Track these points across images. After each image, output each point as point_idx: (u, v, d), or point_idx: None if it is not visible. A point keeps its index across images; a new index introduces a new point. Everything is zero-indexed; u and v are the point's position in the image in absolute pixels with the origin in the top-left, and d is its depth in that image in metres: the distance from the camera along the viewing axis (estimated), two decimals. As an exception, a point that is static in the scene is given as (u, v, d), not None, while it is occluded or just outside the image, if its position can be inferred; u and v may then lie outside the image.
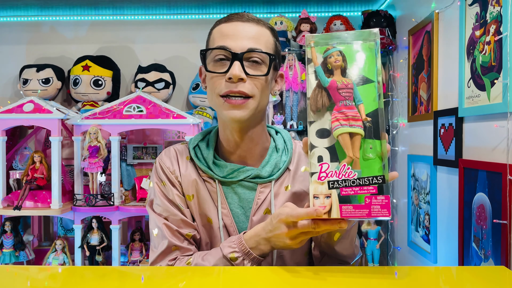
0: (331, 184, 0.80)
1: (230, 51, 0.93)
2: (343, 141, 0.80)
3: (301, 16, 2.66)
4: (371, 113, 0.80)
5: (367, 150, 0.80)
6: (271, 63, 0.97)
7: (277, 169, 1.04)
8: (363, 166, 0.80)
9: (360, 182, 0.79)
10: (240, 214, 1.03)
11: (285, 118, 2.69)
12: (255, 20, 0.98)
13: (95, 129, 2.32)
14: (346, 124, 0.80)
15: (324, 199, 0.80)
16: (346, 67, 0.82)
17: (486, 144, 1.52)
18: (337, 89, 0.81)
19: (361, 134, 0.80)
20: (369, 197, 0.79)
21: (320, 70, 0.82)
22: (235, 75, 0.92)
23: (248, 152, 1.05)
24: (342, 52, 0.82)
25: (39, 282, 0.84)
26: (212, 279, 0.83)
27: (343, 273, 0.85)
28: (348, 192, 0.80)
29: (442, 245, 1.91)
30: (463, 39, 1.64)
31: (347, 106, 0.81)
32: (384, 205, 0.78)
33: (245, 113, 0.95)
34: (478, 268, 1.27)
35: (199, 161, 1.04)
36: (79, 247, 2.42)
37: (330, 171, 0.80)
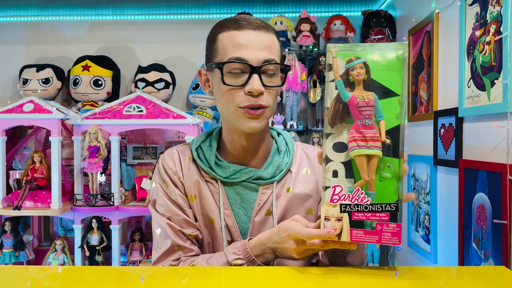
0: (343, 208, 0.79)
1: (248, 63, 0.94)
2: (359, 163, 0.78)
3: (301, 16, 2.66)
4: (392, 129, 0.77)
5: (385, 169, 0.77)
6: (285, 74, 1.00)
7: (279, 171, 1.05)
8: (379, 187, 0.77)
9: (373, 208, 0.78)
10: (242, 214, 1.03)
11: (285, 118, 2.69)
12: (264, 28, 0.98)
13: (95, 129, 2.32)
14: (364, 145, 0.78)
15: (335, 222, 0.80)
16: (369, 79, 0.78)
17: (486, 144, 1.52)
18: (357, 106, 0.78)
19: (379, 155, 0.77)
20: (380, 223, 0.78)
21: (340, 83, 0.78)
22: (256, 90, 0.93)
23: (252, 154, 1.06)
24: (366, 64, 0.78)
25: (39, 282, 0.84)
26: (212, 279, 0.83)
27: (343, 273, 0.85)
28: (359, 217, 0.78)
29: (442, 245, 1.91)
30: (463, 39, 1.64)
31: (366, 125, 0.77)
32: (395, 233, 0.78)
33: (262, 123, 0.97)
34: (478, 268, 1.27)
35: (202, 162, 1.05)
36: (79, 247, 2.42)
37: (343, 194, 0.79)
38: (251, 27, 0.96)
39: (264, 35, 0.97)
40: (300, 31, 2.65)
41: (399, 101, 0.77)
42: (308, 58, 2.71)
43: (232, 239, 1.03)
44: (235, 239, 1.03)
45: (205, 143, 1.08)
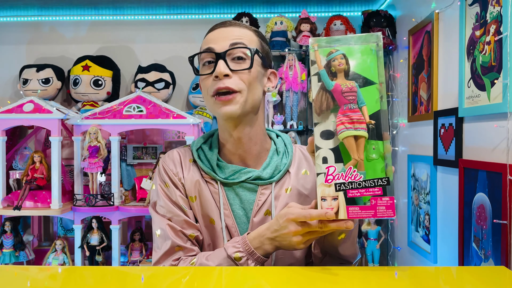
0: (338, 187, 0.83)
1: (213, 51, 0.98)
2: (348, 143, 0.83)
3: (301, 16, 2.66)
4: (373, 114, 0.83)
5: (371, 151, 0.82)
6: (253, 56, 0.99)
7: (277, 171, 1.06)
8: (367, 167, 0.82)
9: (366, 184, 0.82)
10: (241, 215, 1.04)
11: (285, 118, 2.69)
12: (237, 24, 1.04)
13: (95, 129, 2.32)
14: (351, 127, 0.83)
15: (331, 201, 0.83)
16: (349, 69, 0.84)
17: (486, 144, 1.52)
18: (341, 92, 0.83)
19: (365, 136, 0.82)
20: (374, 198, 0.82)
21: (324, 73, 0.84)
22: (220, 73, 0.96)
23: (248, 153, 1.06)
24: (345, 55, 0.84)
25: (39, 282, 0.84)
26: (212, 279, 0.83)
27: (343, 273, 0.85)
28: (354, 194, 0.82)
29: (442, 245, 1.91)
30: (463, 39, 1.64)
31: (351, 109, 0.83)
32: (389, 205, 0.82)
33: (235, 108, 0.98)
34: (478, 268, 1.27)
35: (202, 163, 1.06)
36: (79, 247, 2.42)
37: (336, 173, 0.83)
38: (223, 26, 1.03)
39: (235, 29, 1.02)
40: (300, 31, 2.65)
41: (377, 88, 0.83)
42: (308, 58, 2.71)
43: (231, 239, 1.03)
44: None
45: (206, 144, 1.10)
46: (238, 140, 1.04)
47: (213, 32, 1.03)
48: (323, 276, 0.83)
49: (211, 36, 1.02)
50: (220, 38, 1.00)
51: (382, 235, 2.59)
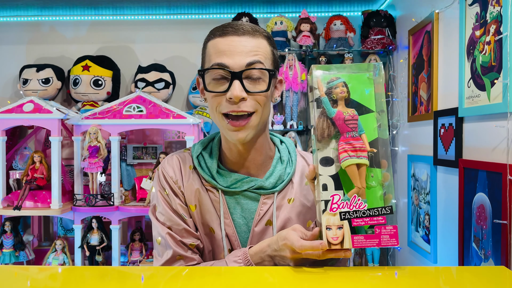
0: (343, 216, 0.83)
1: (228, 70, 0.92)
2: (351, 172, 0.83)
3: (301, 16, 2.66)
4: (371, 142, 0.84)
5: (369, 178, 0.83)
6: (270, 79, 0.95)
7: (280, 181, 1.04)
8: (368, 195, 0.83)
9: (370, 213, 0.82)
10: (242, 224, 1.02)
11: (285, 118, 2.69)
12: (250, 32, 0.95)
13: (95, 129, 2.32)
14: (354, 155, 0.83)
15: (337, 230, 0.83)
16: (349, 97, 0.84)
17: (486, 144, 1.52)
18: (344, 120, 0.84)
19: (367, 164, 0.83)
20: (378, 227, 0.82)
21: (326, 100, 0.84)
22: (236, 96, 0.91)
23: (252, 162, 1.04)
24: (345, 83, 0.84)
25: (39, 282, 0.84)
26: (212, 279, 0.83)
27: (343, 273, 0.85)
28: (359, 223, 0.82)
29: (442, 245, 1.91)
30: (463, 39, 1.64)
31: (354, 137, 0.83)
32: (392, 234, 0.82)
33: (248, 133, 0.95)
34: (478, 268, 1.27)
35: (203, 170, 1.04)
36: (79, 247, 2.42)
37: (341, 202, 0.83)
38: (236, 33, 0.94)
39: (249, 40, 0.94)
40: (300, 31, 2.65)
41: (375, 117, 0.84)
42: (308, 58, 2.71)
43: (232, 248, 1.02)
44: (234, 248, 1.02)
45: (206, 150, 1.06)
46: (244, 152, 1.02)
47: (226, 40, 0.94)
48: (323, 276, 0.83)
49: (223, 46, 0.93)
50: (234, 52, 0.92)
51: (382, 235, 2.59)
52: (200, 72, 0.96)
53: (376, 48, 2.57)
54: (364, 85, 0.85)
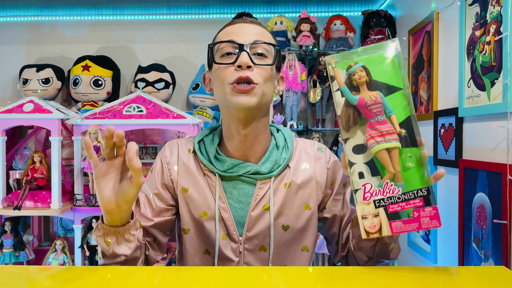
0: (377, 203, 0.81)
1: (237, 43, 0.98)
2: (381, 157, 0.81)
3: (301, 16, 2.66)
4: (404, 121, 0.80)
5: (407, 159, 0.80)
6: (276, 54, 1.01)
7: (277, 166, 1.06)
8: (405, 177, 0.80)
9: (406, 197, 0.80)
10: (238, 208, 1.04)
11: (285, 118, 2.69)
12: (258, 23, 1.04)
13: (95, 129, 2.32)
14: (382, 140, 0.81)
15: (373, 218, 0.81)
16: (371, 80, 0.82)
17: (486, 144, 1.52)
18: (366, 106, 0.81)
19: (398, 146, 0.80)
20: (417, 210, 0.79)
21: (346, 89, 0.83)
22: (244, 63, 0.96)
23: (251, 150, 1.06)
24: (365, 67, 0.82)
25: (39, 282, 0.84)
26: (212, 279, 0.83)
27: (343, 273, 0.85)
28: (395, 209, 0.80)
29: (442, 245, 1.91)
30: (463, 39, 1.64)
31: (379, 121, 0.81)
32: (433, 216, 0.79)
33: (252, 99, 0.97)
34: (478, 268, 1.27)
35: (202, 154, 1.07)
36: (79, 247, 2.42)
37: (374, 190, 0.81)
38: (245, 22, 1.03)
39: (257, 27, 1.03)
40: (300, 31, 2.65)
41: (404, 94, 0.80)
42: (308, 58, 2.71)
43: (228, 232, 1.04)
44: (231, 232, 1.04)
45: (208, 137, 1.11)
46: (244, 137, 1.04)
47: (234, 26, 1.03)
48: (323, 276, 0.83)
49: (232, 29, 1.02)
50: (242, 32, 1.00)
51: (382, 235, 2.59)
52: (210, 45, 1.02)
53: (376, 48, 2.56)
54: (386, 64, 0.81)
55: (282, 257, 1.06)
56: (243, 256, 1.04)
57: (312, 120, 2.86)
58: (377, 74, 0.81)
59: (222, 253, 1.04)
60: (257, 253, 1.05)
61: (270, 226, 1.03)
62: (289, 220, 1.05)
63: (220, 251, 1.04)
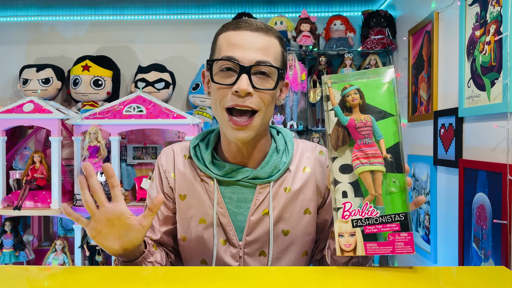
0: (355, 223, 0.83)
1: (238, 63, 0.91)
2: (364, 179, 0.82)
3: (301, 16, 2.66)
4: (392, 147, 0.82)
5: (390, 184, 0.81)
6: (278, 77, 0.95)
7: (276, 170, 1.03)
8: (386, 201, 0.81)
9: (383, 220, 0.81)
10: (237, 213, 1.02)
11: (285, 118, 2.69)
12: (263, 30, 0.95)
13: (95, 129, 2.32)
14: (367, 162, 0.82)
15: (349, 237, 0.83)
16: (364, 103, 0.83)
17: (486, 144, 1.52)
18: (355, 128, 0.83)
19: (382, 170, 0.81)
20: (392, 234, 0.81)
21: (338, 109, 0.84)
22: (242, 90, 0.90)
23: (249, 158, 1.04)
24: (359, 90, 0.83)
25: (39, 282, 0.84)
26: (212, 279, 0.83)
27: (343, 273, 0.85)
28: (371, 230, 0.82)
29: (442, 245, 1.91)
30: (463, 39, 1.64)
31: (366, 144, 0.82)
32: (407, 241, 0.81)
33: (249, 134, 0.95)
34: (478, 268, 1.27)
35: (198, 160, 1.05)
36: (79, 247, 2.42)
37: (353, 209, 0.83)
38: (249, 29, 0.94)
39: (262, 36, 0.94)
40: (300, 31, 2.65)
41: (395, 120, 0.83)
42: (308, 58, 2.71)
43: (227, 237, 1.03)
44: (230, 237, 1.03)
45: (203, 141, 1.08)
46: (242, 149, 1.02)
47: (238, 34, 0.94)
48: (322, 276, 0.83)
49: (236, 39, 0.93)
50: (245, 45, 0.92)
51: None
52: (209, 62, 0.96)
53: (376, 48, 2.57)
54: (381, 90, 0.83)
55: (282, 262, 1.05)
56: (243, 260, 1.03)
57: (312, 120, 2.86)
58: (371, 99, 0.83)
59: (221, 260, 1.03)
60: (257, 258, 1.03)
61: (269, 231, 1.02)
62: (290, 225, 1.03)
63: (219, 258, 1.03)
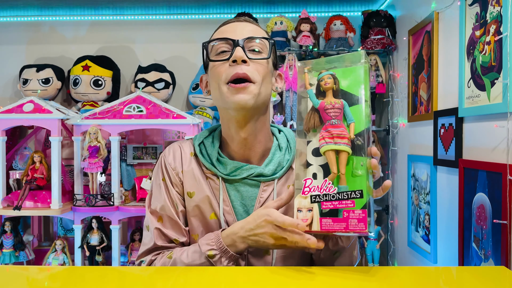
0: (313, 198, 0.84)
1: (230, 39, 0.97)
2: (328, 157, 0.84)
3: (301, 16, 2.66)
4: (362, 131, 0.83)
5: (358, 166, 0.82)
6: (270, 48, 1.00)
7: (280, 168, 1.05)
8: (350, 182, 0.82)
9: (339, 196, 0.82)
10: (242, 211, 1.03)
11: (285, 118, 2.69)
12: (253, 22, 1.04)
13: (95, 129, 2.32)
14: (331, 141, 0.84)
15: (307, 212, 0.85)
16: (338, 89, 0.86)
17: (486, 144, 1.52)
18: (324, 109, 0.85)
19: (347, 151, 0.83)
20: (347, 211, 0.82)
21: (311, 92, 0.87)
22: (239, 57, 0.95)
23: (251, 150, 1.05)
24: (334, 75, 0.86)
25: (39, 282, 0.84)
26: (212, 279, 0.83)
27: (342, 273, 0.85)
28: (328, 206, 0.83)
29: (442, 245, 1.91)
30: (463, 39, 1.64)
31: (333, 125, 0.84)
32: (361, 219, 0.80)
33: (249, 97, 0.96)
34: (478, 268, 1.27)
35: (204, 157, 1.05)
36: (79, 247, 2.42)
37: (313, 186, 0.85)
38: (238, 21, 1.03)
39: (250, 25, 1.03)
40: (300, 31, 2.65)
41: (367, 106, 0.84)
42: (308, 58, 2.71)
43: None
44: None
45: (208, 139, 1.08)
46: (244, 140, 1.03)
47: (228, 25, 1.03)
48: (323, 276, 0.83)
49: (226, 28, 1.02)
50: (236, 30, 1.00)
51: (382, 235, 2.59)
52: (204, 44, 1.01)
53: (376, 48, 2.57)
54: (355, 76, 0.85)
55: (287, 261, 1.04)
56: (247, 259, 1.03)
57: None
58: (344, 85, 0.85)
59: None
60: (262, 257, 1.03)
61: None
62: None
63: None
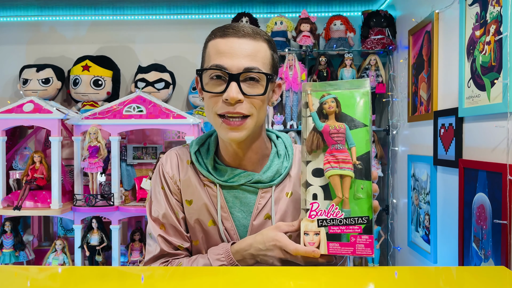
0: (320, 222, 0.87)
1: (226, 71, 0.92)
2: (333, 182, 0.87)
3: (301, 16, 2.66)
4: (363, 155, 0.87)
5: (358, 190, 0.86)
6: (268, 82, 0.96)
7: (278, 175, 1.04)
8: (353, 206, 0.86)
9: (347, 222, 0.86)
10: (240, 218, 1.03)
11: (285, 118, 2.69)
12: (251, 35, 0.96)
13: (95, 129, 2.32)
14: (337, 166, 0.87)
15: (313, 236, 0.88)
16: (340, 112, 0.88)
17: (486, 144, 1.52)
18: (329, 133, 0.88)
19: (351, 176, 0.86)
20: (354, 236, 0.86)
21: (315, 115, 0.90)
22: (232, 98, 0.91)
23: (248, 161, 1.05)
24: (336, 99, 0.89)
25: (39, 282, 0.84)
26: (212, 279, 0.83)
27: (343, 273, 0.85)
28: (335, 231, 0.87)
29: (442, 245, 1.91)
30: (463, 39, 1.64)
31: (338, 149, 0.88)
32: (367, 244, 0.85)
33: (243, 134, 0.96)
34: (478, 268, 1.27)
35: (200, 165, 1.05)
36: (79, 247, 2.42)
37: (320, 210, 0.88)
38: (236, 35, 0.95)
39: (249, 42, 0.95)
40: (300, 31, 2.65)
41: (368, 130, 0.87)
42: (308, 58, 2.71)
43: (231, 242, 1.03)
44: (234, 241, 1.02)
45: (204, 146, 1.08)
46: (240, 152, 1.03)
47: (226, 42, 0.94)
48: (322, 276, 0.83)
49: (223, 47, 0.94)
50: (234, 54, 0.93)
51: (382, 235, 2.59)
52: (199, 71, 0.98)
53: (376, 48, 2.57)
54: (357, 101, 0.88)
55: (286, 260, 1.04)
56: None
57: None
58: (346, 108, 0.88)
59: None
60: None
61: None
62: None
63: None
